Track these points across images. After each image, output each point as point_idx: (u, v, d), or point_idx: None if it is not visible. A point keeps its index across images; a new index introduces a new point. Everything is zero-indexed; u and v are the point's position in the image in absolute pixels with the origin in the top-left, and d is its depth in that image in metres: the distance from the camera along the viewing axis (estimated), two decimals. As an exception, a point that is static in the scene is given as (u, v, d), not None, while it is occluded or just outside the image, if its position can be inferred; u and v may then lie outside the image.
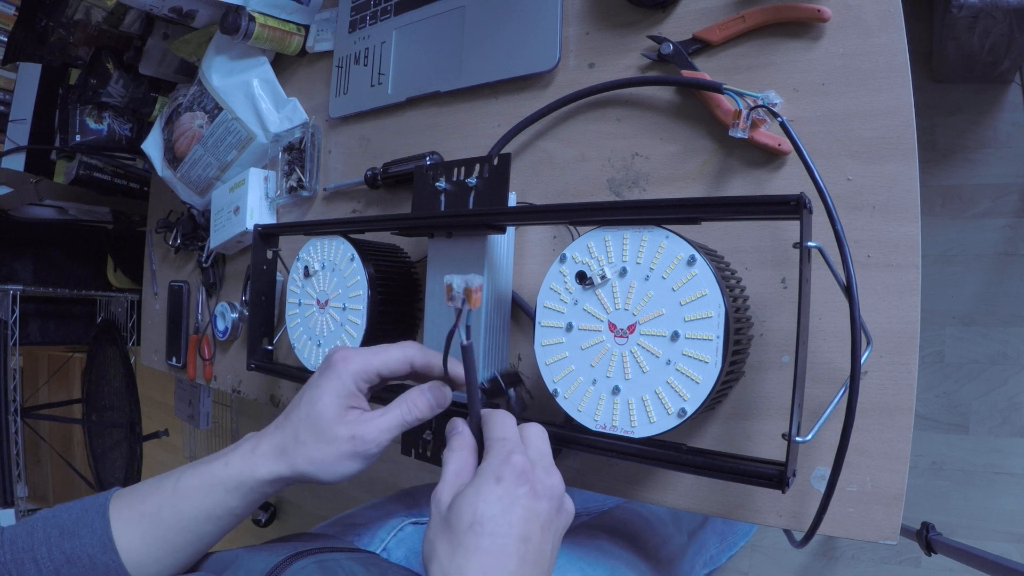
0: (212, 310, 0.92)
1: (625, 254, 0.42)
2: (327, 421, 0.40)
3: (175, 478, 0.41)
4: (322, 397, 0.40)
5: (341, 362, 0.41)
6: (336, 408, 0.40)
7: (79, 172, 1.22)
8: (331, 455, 0.40)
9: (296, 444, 0.40)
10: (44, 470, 2.39)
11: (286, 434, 0.41)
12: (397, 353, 0.43)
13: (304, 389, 0.42)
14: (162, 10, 0.86)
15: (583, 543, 0.61)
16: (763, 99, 0.47)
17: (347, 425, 0.40)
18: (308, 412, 0.40)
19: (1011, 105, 1.16)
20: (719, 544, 0.89)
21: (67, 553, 0.37)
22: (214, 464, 0.41)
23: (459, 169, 0.56)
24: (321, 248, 0.64)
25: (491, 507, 0.34)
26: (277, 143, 0.82)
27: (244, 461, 0.40)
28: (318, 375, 0.42)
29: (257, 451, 0.41)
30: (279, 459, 0.40)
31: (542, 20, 0.61)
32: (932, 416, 1.17)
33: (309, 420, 0.40)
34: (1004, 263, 1.15)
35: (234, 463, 0.40)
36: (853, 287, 0.37)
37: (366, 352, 0.42)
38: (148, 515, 0.39)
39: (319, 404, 0.40)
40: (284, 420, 0.42)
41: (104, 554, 0.38)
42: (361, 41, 0.76)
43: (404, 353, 0.43)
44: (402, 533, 0.59)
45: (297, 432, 0.40)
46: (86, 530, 0.38)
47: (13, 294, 1.46)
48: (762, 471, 0.38)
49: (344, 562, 0.44)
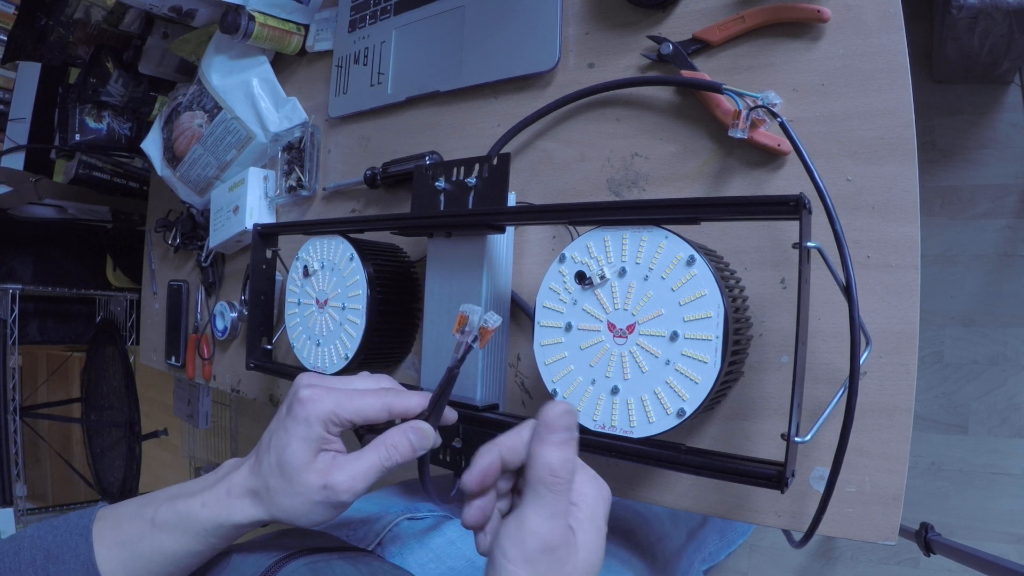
0: (211, 309, 0.92)
1: (624, 254, 0.42)
2: (296, 470, 0.37)
3: (153, 508, 0.39)
4: (290, 443, 0.37)
5: (309, 402, 0.38)
6: (305, 455, 0.37)
7: (78, 171, 1.22)
8: (304, 505, 0.37)
9: (268, 492, 0.38)
10: (43, 469, 2.39)
11: (259, 480, 0.39)
12: (374, 401, 0.39)
13: (273, 429, 0.39)
14: (162, 9, 0.86)
15: None
16: (763, 99, 0.47)
17: (318, 473, 0.37)
18: (277, 459, 0.38)
19: (1011, 105, 1.16)
20: (719, 541, 0.89)
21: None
22: (191, 502, 0.39)
23: (459, 169, 0.56)
24: (320, 248, 0.64)
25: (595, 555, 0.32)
26: (277, 143, 0.82)
27: (221, 504, 0.39)
28: (285, 414, 0.39)
29: (232, 493, 0.39)
30: (254, 504, 0.39)
31: (542, 20, 0.61)
32: (931, 416, 1.17)
33: (279, 468, 0.38)
34: (1004, 263, 1.15)
35: (211, 504, 0.39)
36: (852, 287, 0.37)
37: (338, 394, 0.38)
38: (128, 544, 0.38)
39: (287, 452, 0.37)
40: (256, 463, 0.39)
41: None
42: (361, 41, 0.76)
43: (382, 401, 0.39)
44: (397, 529, 0.58)
45: (267, 481, 0.38)
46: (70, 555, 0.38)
47: (12, 293, 1.46)
48: (761, 471, 0.38)
49: (335, 563, 0.43)
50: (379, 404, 0.39)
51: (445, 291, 0.57)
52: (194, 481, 0.41)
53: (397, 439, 0.38)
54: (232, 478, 0.39)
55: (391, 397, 0.39)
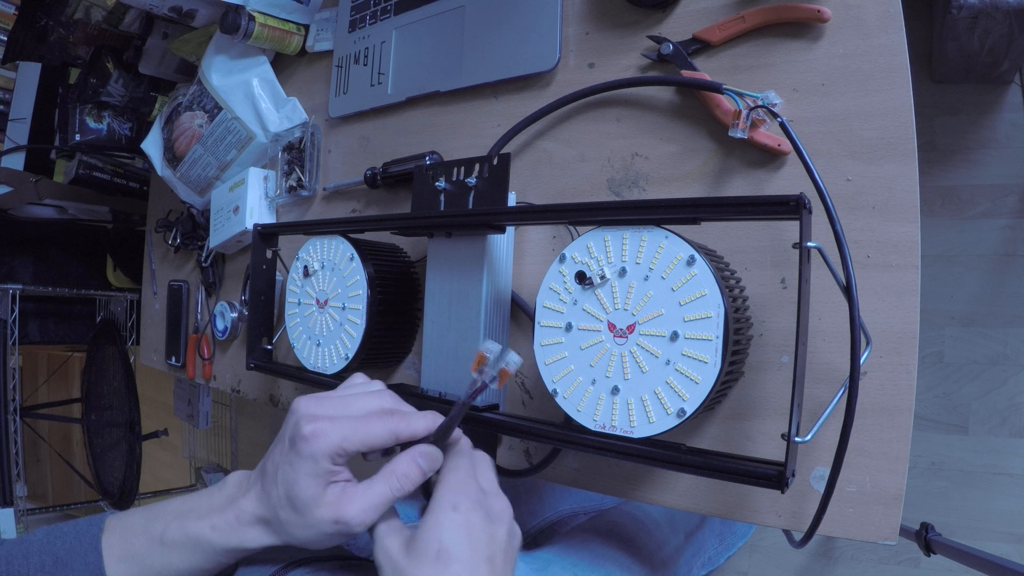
0: (211, 309, 0.92)
1: (625, 254, 0.42)
2: (306, 505, 0.37)
3: (162, 525, 0.39)
4: (298, 480, 0.37)
5: (314, 438, 0.37)
6: (314, 491, 0.37)
7: (79, 171, 1.22)
8: (317, 536, 0.37)
9: (280, 524, 0.38)
10: (43, 469, 2.39)
11: (269, 510, 0.38)
12: (380, 429, 0.38)
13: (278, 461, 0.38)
14: (162, 9, 0.86)
15: (575, 546, 0.60)
16: (763, 99, 0.47)
17: (328, 508, 0.37)
18: (286, 494, 0.37)
19: (1011, 105, 1.16)
20: (717, 545, 0.89)
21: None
22: (200, 525, 0.39)
23: (459, 169, 0.56)
24: (321, 248, 0.64)
25: (454, 534, 0.34)
26: (277, 143, 0.82)
27: (232, 530, 0.39)
28: (289, 448, 0.38)
29: (242, 520, 0.39)
30: (266, 532, 0.38)
31: (542, 20, 0.61)
32: (932, 416, 1.17)
33: (288, 502, 0.37)
34: (1004, 263, 1.15)
35: (221, 529, 0.38)
36: (853, 287, 0.37)
37: (343, 425, 0.37)
38: (136, 558, 0.38)
39: (296, 488, 0.37)
40: (264, 492, 0.39)
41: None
42: (361, 41, 0.76)
43: (388, 429, 0.38)
44: None
45: (278, 513, 0.38)
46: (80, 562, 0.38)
47: (13, 293, 1.46)
48: (761, 471, 0.38)
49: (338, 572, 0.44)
50: (385, 432, 0.38)
51: (445, 291, 0.57)
52: (201, 497, 0.41)
53: (407, 468, 0.38)
54: (241, 505, 0.39)
55: (396, 423, 0.39)
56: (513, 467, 0.59)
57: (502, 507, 0.38)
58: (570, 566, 0.56)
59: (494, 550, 0.36)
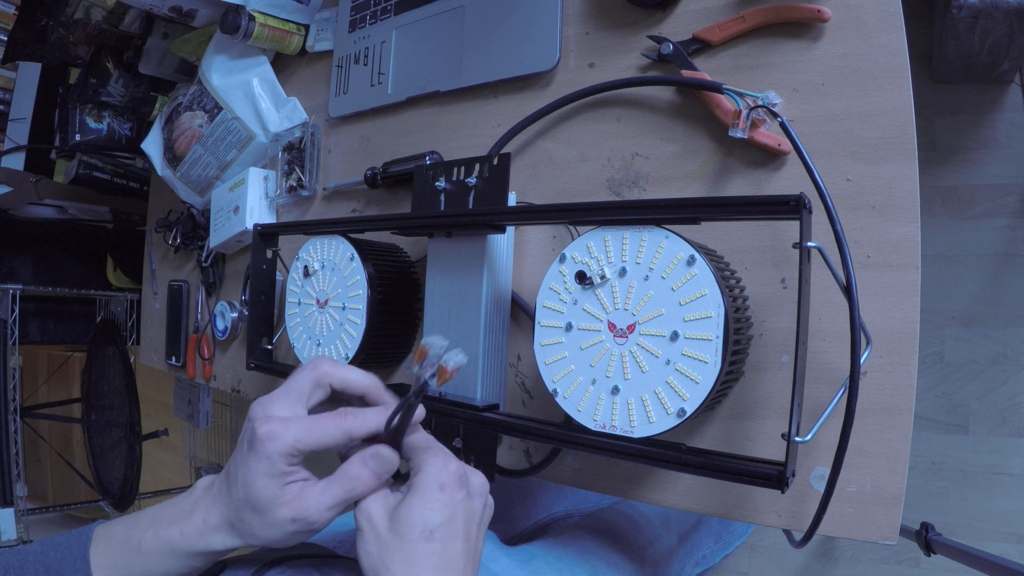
0: (212, 309, 0.92)
1: (625, 254, 0.42)
2: (266, 505, 0.38)
3: (140, 534, 0.40)
4: (255, 481, 0.38)
5: (268, 440, 0.38)
6: (271, 490, 0.38)
7: (79, 171, 1.22)
8: (279, 534, 0.39)
9: (243, 524, 0.39)
10: (44, 469, 2.39)
11: (231, 512, 0.39)
12: (333, 429, 0.39)
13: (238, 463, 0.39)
14: (162, 9, 0.86)
15: (566, 543, 0.60)
16: (763, 99, 0.47)
17: (287, 506, 0.38)
18: (246, 496, 0.38)
19: (1011, 105, 1.16)
20: (713, 544, 0.89)
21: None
22: (171, 531, 0.40)
23: (459, 169, 0.56)
24: (321, 248, 0.64)
25: (439, 514, 0.36)
26: (277, 142, 0.82)
27: (199, 535, 0.40)
28: (247, 451, 0.39)
29: (209, 524, 0.40)
30: (231, 535, 0.40)
31: (542, 20, 0.61)
32: (932, 416, 1.17)
33: (248, 504, 0.38)
34: (1004, 263, 1.15)
35: (189, 535, 0.40)
36: (853, 287, 0.37)
37: (296, 426, 0.38)
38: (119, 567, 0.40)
39: (254, 488, 0.38)
40: (227, 495, 0.40)
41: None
42: (361, 41, 0.76)
43: (341, 428, 0.39)
44: None
45: (240, 515, 0.39)
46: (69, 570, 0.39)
47: (13, 293, 1.46)
48: (761, 471, 0.38)
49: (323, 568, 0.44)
50: (339, 432, 0.39)
51: (445, 291, 0.57)
52: (173, 504, 0.42)
53: (358, 470, 0.39)
54: (207, 510, 0.40)
55: (350, 422, 0.39)
56: (513, 467, 0.59)
57: (479, 482, 0.39)
58: (555, 560, 0.56)
59: (470, 528, 0.37)
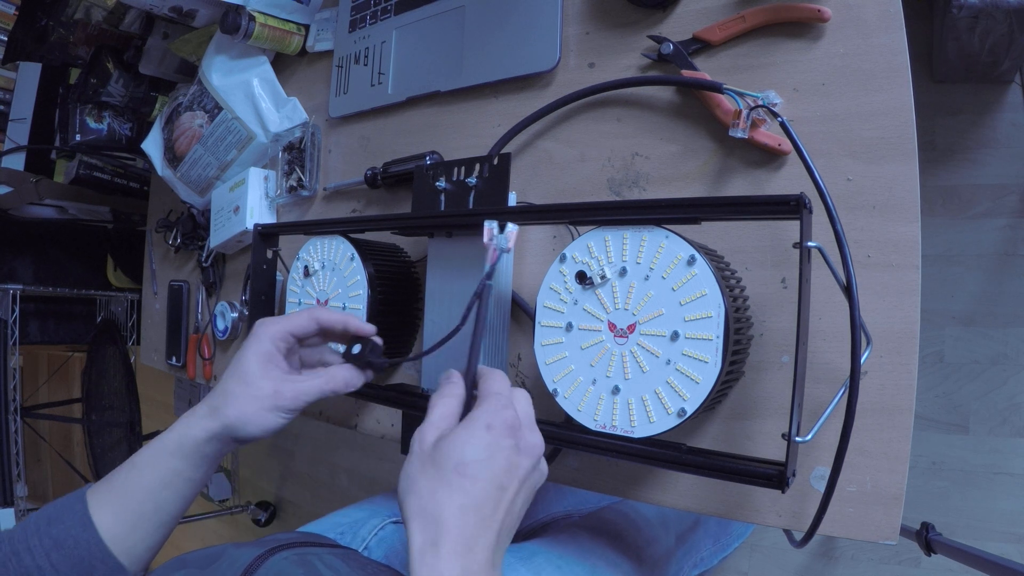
0: (212, 309, 0.92)
1: (625, 254, 0.42)
2: (252, 375, 0.46)
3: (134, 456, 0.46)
4: (247, 356, 0.47)
5: (260, 327, 0.48)
6: (259, 364, 0.46)
7: (79, 171, 1.22)
8: (256, 407, 0.45)
9: (225, 399, 0.45)
10: (44, 469, 2.39)
11: (217, 394, 0.46)
12: (304, 316, 0.49)
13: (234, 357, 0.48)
14: (162, 9, 0.86)
15: (564, 541, 0.60)
16: (763, 99, 0.47)
17: (270, 380, 0.46)
18: (235, 370, 0.46)
19: (1011, 105, 1.16)
20: (712, 546, 0.89)
21: (54, 537, 0.42)
22: (161, 435, 0.46)
23: (459, 169, 0.56)
24: (321, 248, 0.64)
25: (478, 452, 0.36)
26: (277, 143, 0.82)
27: (182, 424, 0.46)
28: (244, 341, 0.48)
29: (194, 414, 0.46)
30: (210, 417, 0.45)
31: (542, 20, 0.61)
32: (932, 416, 1.17)
33: (236, 376, 0.46)
34: (1004, 263, 1.15)
35: (175, 428, 0.46)
36: (853, 287, 0.37)
37: (281, 318, 0.49)
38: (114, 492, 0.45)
39: (244, 362, 0.46)
40: (217, 385, 0.47)
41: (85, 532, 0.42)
42: (361, 41, 0.76)
43: (311, 315, 0.49)
44: (383, 532, 0.59)
45: (226, 388, 0.46)
46: (68, 514, 0.43)
47: (13, 293, 1.46)
48: (762, 471, 0.38)
49: (325, 556, 0.45)
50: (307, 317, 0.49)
51: (446, 291, 0.57)
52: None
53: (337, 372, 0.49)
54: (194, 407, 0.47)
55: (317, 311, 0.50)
56: (513, 467, 0.59)
57: (534, 441, 0.38)
58: (555, 558, 0.56)
59: (510, 479, 0.36)
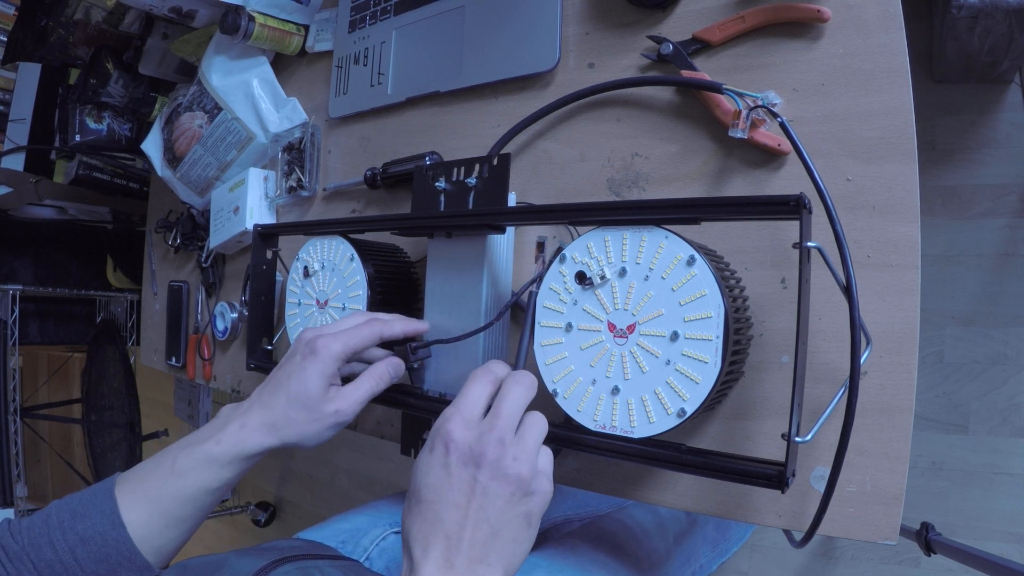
0: (212, 310, 0.92)
1: (625, 254, 0.42)
2: (314, 400, 0.46)
3: (171, 459, 0.45)
4: (310, 380, 0.46)
5: (323, 348, 0.47)
6: (321, 388, 0.47)
7: (79, 172, 1.22)
8: (318, 428, 0.46)
9: (287, 421, 0.46)
10: (44, 470, 2.39)
11: (276, 413, 0.46)
12: (368, 332, 0.49)
13: (290, 371, 0.47)
14: (162, 10, 0.86)
15: (564, 552, 0.60)
16: (763, 99, 0.47)
17: (330, 402, 0.47)
18: (298, 393, 0.46)
19: (1011, 105, 1.16)
20: (710, 552, 0.89)
21: (80, 533, 0.41)
22: (206, 444, 0.45)
23: (459, 169, 0.56)
24: (321, 248, 0.64)
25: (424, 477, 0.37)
26: (277, 143, 0.82)
27: (235, 439, 0.46)
28: (301, 359, 0.47)
29: (247, 428, 0.46)
30: (268, 434, 0.46)
31: (542, 20, 0.61)
32: (932, 416, 1.17)
33: (300, 401, 0.46)
34: (1004, 263, 1.15)
35: (225, 441, 0.46)
36: (853, 287, 0.37)
37: (343, 335, 0.48)
38: (150, 494, 0.44)
39: (308, 386, 0.46)
40: (269, 399, 0.47)
41: (114, 531, 0.42)
42: (361, 41, 0.76)
43: (373, 331, 0.49)
44: (384, 543, 0.59)
45: (287, 412, 0.46)
46: (96, 511, 0.42)
47: (13, 294, 1.46)
48: (762, 471, 0.38)
49: (327, 569, 0.45)
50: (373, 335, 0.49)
51: (445, 291, 0.57)
52: (200, 430, 0.48)
53: (382, 370, 0.50)
54: (244, 417, 0.47)
55: (380, 327, 0.50)
56: (513, 467, 0.59)
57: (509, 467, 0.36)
58: (556, 571, 0.56)
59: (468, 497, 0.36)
